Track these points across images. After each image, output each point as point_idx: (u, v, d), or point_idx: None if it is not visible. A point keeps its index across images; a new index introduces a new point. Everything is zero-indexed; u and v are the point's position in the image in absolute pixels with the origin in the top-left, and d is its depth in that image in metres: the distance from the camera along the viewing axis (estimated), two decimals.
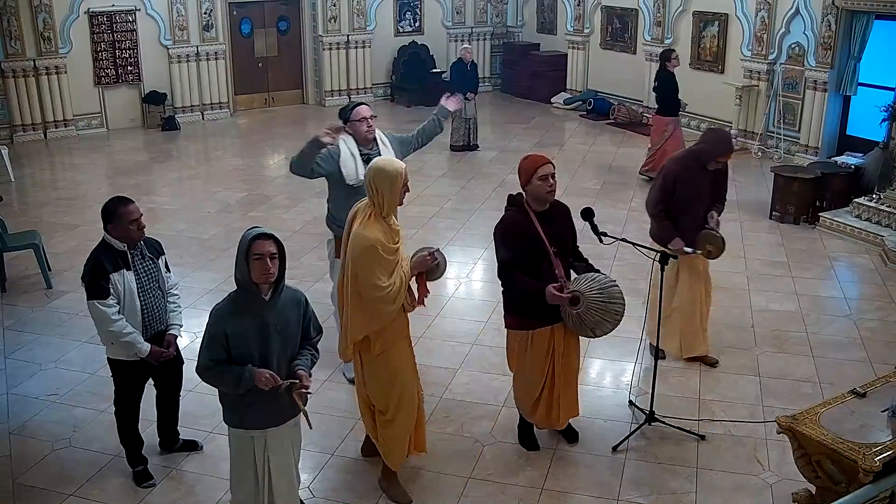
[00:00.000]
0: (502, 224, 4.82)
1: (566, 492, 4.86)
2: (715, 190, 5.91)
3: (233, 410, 3.99)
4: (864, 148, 10.44)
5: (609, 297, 4.66)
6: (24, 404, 5.78)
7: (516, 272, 4.74)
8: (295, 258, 8.41)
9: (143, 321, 4.71)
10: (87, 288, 4.63)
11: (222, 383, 3.90)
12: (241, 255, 3.82)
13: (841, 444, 3.80)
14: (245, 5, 15.22)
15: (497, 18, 17.74)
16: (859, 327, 6.89)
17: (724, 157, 5.77)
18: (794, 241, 8.89)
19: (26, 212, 10.00)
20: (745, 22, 12.44)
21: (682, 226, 5.79)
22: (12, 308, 7.36)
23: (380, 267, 4.33)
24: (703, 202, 5.83)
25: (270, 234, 3.87)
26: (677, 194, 5.78)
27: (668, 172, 5.87)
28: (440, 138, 13.06)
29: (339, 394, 5.92)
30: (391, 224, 4.46)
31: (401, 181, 4.41)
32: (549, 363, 4.92)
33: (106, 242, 4.66)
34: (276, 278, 3.86)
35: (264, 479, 4.04)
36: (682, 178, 5.77)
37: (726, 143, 5.82)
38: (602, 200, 10.11)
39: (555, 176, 4.72)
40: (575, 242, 5.00)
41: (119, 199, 4.69)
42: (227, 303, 3.92)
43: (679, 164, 5.89)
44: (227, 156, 13.02)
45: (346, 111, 5.81)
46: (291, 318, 3.99)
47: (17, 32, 12.90)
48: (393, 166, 4.45)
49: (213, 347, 3.85)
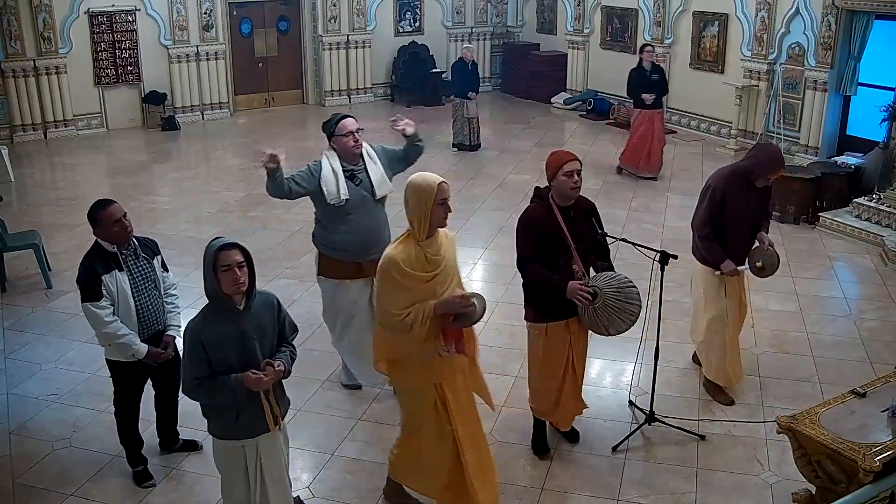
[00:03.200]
0: (525, 216, 4.81)
1: (566, 492, 4.86)
2: (762, 207, 5.59)
3: (221, 422, 3.92)
4: (864, 148, 10.45)
5: (626, 297, 4.68)
6: (24, 404, 5.78)
7: (535, 265, 4.73)
8: (295, 258, 8.42)
9: (138, 322, 4.70)
10: (81, 290, 4.63)
11: (213, 398, 3.82)
12: (207, 268, 3.73)
13: (841, 444, 3.80)
14: (245, 5, 15.22)
15: (497, 18, 17.74)
16: (859, 327, 6.89)
17: (774, 174, 5.41)
18: (794, 241, 8.89)
19: (26, 212, 10.00)
20: (745, 22, 12.44)
21: (730, 246, 5.49)
22: (12, 308, 7.37)
23: (393, 291, 4.00)
24: (751, 221, 5.53)
25: (234, 242, 3.77)
26: (726, 214, 5.45)
27: (715, 191, 5.46)
28: (442, 138, 13.22)
29: (339, 394, 5.92)
30: (428, 249, 4.05)
31: (431, 198, 3.96)
32: (566, 358, 4.94)
33: (98, 245, 4.65)
34: (247, 286, 3.80)
35: (256, 485, 3.99)
36: (730, 197, 5.42)
37: (777, 161, 5.40)
38: (602, 200, 10.07)
39: (580, 173, 4.70)
40: (604, 241, 4.97)
41: (99, 203, 4.65)
42: (202, 317, 3.83)
43: (726, 182, 5.46)
44: (227, 156, 13.02)
45: (329, 125, 5.44)
46: (267, 323, 3.94)
47: (17, 32, 12.90)
48: (424, 180, 4.02)
49: (195, 365, 3.76)
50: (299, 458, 5.08)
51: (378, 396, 5.80)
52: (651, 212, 9.88)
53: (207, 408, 3.94)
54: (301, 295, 7.54)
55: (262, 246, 8.47)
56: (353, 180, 5.39)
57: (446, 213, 4.07)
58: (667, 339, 5.93)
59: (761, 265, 5.45)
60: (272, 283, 7.56)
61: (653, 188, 10.81)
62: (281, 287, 7.52)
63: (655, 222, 9.49)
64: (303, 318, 7.02)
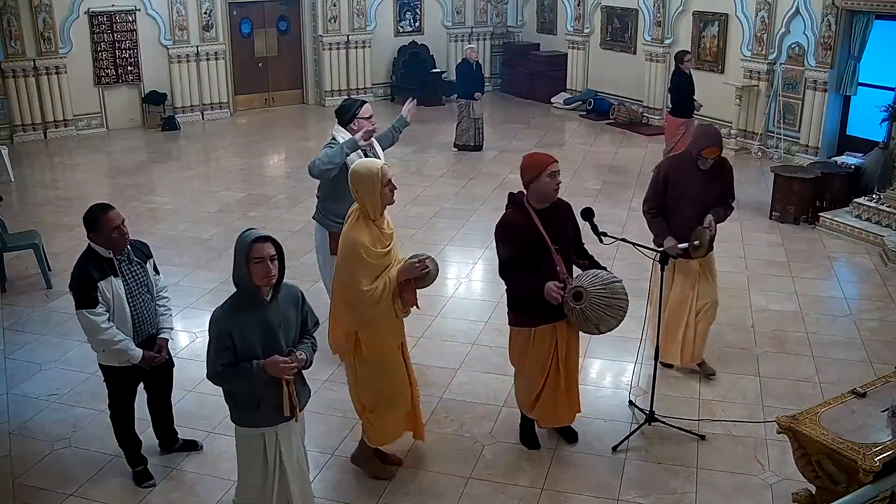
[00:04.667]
0: (502, 223, 4.83)
1: (566, 492, 4.86)
2: (711, 191, 5.70)
3: (243, 410, 3.98)
4: (864, 148, 10.44)
5: (612, 293, 4.68)
6: (24, 404, 5.78)
7: (517, 271, 4.75)
8: (295, 258, 8.41)
9: (133, 326, 4.67)
10: (76, 297, 4.57)
11: (236, 384, 3.89)
12: (240, 258, 3.80)
13: (841, 444, 3.80)
14: (245, 5, 15.22)
15: (497, 18, 17.74)
16: (859, 327, 6.89)
17: (707, 152, 5.53)
18: (794, 241, 8.89)
19: (26, 212, 9.99)
20: (745, 22, 12.44)
21: (674, 226, 5.69)
22: (12, 308, 7.37)
23: (362, 270, 4.36)
24: (697, 203, 5.64)
25: (268, 235, 3.85)
26: (668, 193, 5.72)
27: (659, 171, 5.85)
28: (442, 138, 13.22)
29: (339, 394, 5.91)
30: (382, 227, 4.46)
31: (379, 182, 4.37)
32: (551, 360, 4.93)
33: (92, 249, 4.58)
34: (276, 279, 3.87)
35: (275, 476, 4.02)
36: (673, 177, 5.70)
37: (707, 138, 5.58)
38: (602, 200, 10.10)
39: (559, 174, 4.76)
40: (579, 240, 5.01)
41: (100, 207, 4.59)
42: (229, 306, 3.91)
43: (670, 163, 5.88)
44: (227, 156, 13.01)
45: (351, 107, 5.98)
46: (291, 316, 4.01)
47: (17, 32, 12.90)
48: (367, 168, 4.43)
49: (221, 352, 3.82)
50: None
51: None
52: None
53: (229, 394, 4.00)
54: None
55: None
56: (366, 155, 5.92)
57: (392, 191, 4.46)
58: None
59: (697, 244, 5.51)
60: None
61: None
62: None
63: None
64: None
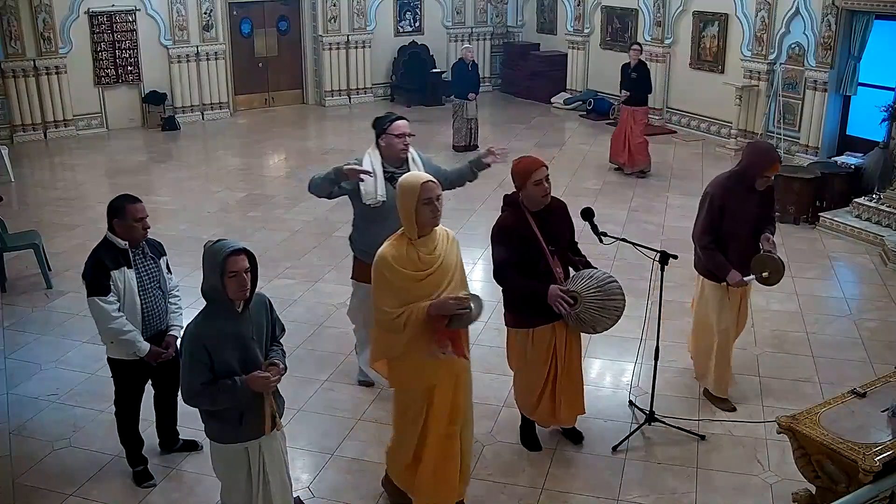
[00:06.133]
0: (498, 226, 4.83)
1: (566, 492, 4.86)
2: (763, 212, 5.36)
3: (224, 426, 3.86)
4: (864, 148, 10.45)
5: (607, 295, 4.67)
6: (24, 404, 5.78)
7: (513, 273, 4.73)
8: (295, 258, 8.42)
9: (142, 320, 4.70)
10: (88, 284, 4.61)
11: (216, 402, 3.77)
12: (211, 270, 3.68)
13: (841, 444, 3.80)
14: (245, 5, 15.21)
15: (497, 18, 17.73)
16: (859, 327, 6.89)
17: (771, 170, 5.17)
18: (794, 241, 8.89)
19: (26, 212, 9.99)
20: (745, 22, 12.44)
21: (732, 255, 5.30)
22: (12, 308, 7.36)
23: (385, 290, 3.99)
24: (752, 227, 5.30)
25: (242, 247, 3.72)
26: (725, 222, 5.26)
27: (713, 199, 5.28)
28: (441, 138, 13.21)
29: (338, 394, 5.92)
30: (421, 248, 4.03)
31: (415, 197, 3.93)
32: (550, 360, 4.92)
33: (108, 240, 4.64)
34: None
35: (259, 486, 3.97)
36: (729, 205, 5.24)
37: (771, 155, 5.22)
38: (602, 200, 10.10)
39: (549, 178, 4.70)
40: (573, 239, 5.00)
41: (127, 196, 4.68)
42: (201, 320, 3.78)
43: (722, 190, 5.29)
44: (227, 156, 13.01)
45: (383, 122, 5.32)
46: (263, 324, 3.94)
47: (17, 32, 12.89)
48: (408, 181, 4.03)
49: (198, 369, 3.69)
50: (299, 459, 5.08)
51: (378, 396, 5.79)
52: (651, 212, 9.87)
53: (207, 412, 3.90)
54: (301, 295, 7.54)
55: (262, 246, 8.46)
56: (392, 182, 5.11)
57: (433, 211, 4.00)
58: (667, 339, 5.91)
59: (767, 275, 5.23)
60: (272, 282, 7.56)
61: (653, 188, 10.81)
62: (281, 287, 7.53)
63: (655, 222, 9.49)
64: (303, 318, 7.05)
